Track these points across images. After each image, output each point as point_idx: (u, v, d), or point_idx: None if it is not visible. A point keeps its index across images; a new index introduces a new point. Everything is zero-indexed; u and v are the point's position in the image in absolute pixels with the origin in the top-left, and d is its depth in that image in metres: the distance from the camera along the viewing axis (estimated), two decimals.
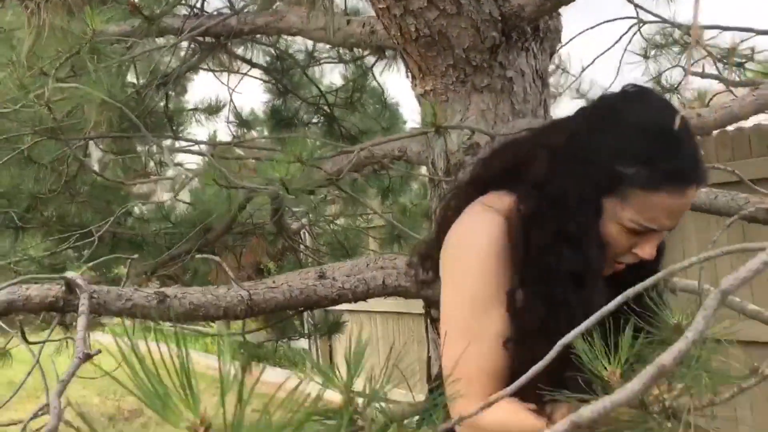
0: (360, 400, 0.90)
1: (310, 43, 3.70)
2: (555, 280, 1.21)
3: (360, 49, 3.52)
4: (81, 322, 1.28)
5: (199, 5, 3.14)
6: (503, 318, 1.24)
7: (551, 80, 3.53)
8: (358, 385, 0.91)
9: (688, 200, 1.22)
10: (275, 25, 2.95)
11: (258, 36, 3.54)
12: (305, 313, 4.40)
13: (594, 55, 3.02)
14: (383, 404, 0.89)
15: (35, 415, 1.19)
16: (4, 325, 1.72)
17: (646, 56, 3.02)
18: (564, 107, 3.68)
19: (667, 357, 0.72)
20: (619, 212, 1.22)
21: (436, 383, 1.51)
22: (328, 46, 3.70)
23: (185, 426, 0.56)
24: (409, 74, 2.40)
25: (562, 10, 2.34)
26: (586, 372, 0.94)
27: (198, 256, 2.59)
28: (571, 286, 1.20)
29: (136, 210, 4.24)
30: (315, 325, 4.27)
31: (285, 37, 3.69)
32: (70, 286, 1.58)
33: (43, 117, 2.57)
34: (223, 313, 1.99)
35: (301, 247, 3.90)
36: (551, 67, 3.49)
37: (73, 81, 2.33)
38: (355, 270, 2.43)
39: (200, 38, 3.29)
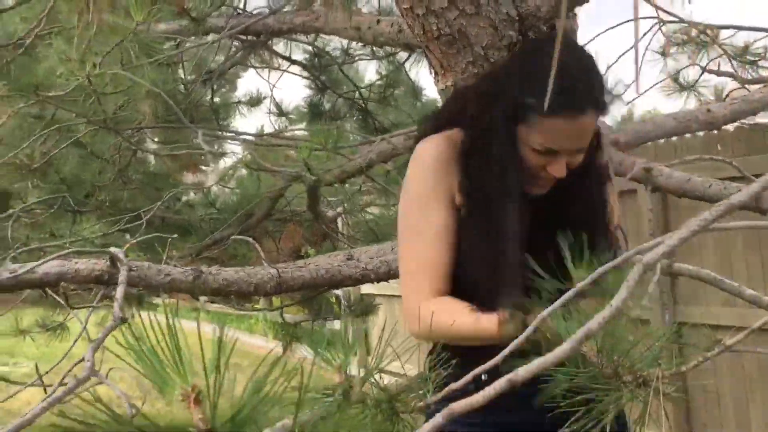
0: (358, 378, 1.04)
1: (345, 41, 3.87)
2: (489, 194, 1.46)
3: (391, 47, 3.68)
4: (119, 290, 1.46)
5: (241, 5, 3.33)
6: (445, 215, 1.47)
7: None
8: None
9: (584, 125, 1.43)
10: (312, 24, 3.13)
11: (298, 34, 3.73)
12: (341, 297, 4.60)
13: (610, 54, 3.12)
14: (380, 381, 1.03)
15: (73, 366, 1.38)
16: (55, 296, 1.92)
17: (664, 54, 3.12)
18: None
19: (593, 323, 0.86)
20: (530, 137, 1.44)
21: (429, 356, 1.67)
22: (362, 44, 3.87)
23: (178, 394, 0.68)
24: (432, 71, 2.55)
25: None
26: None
27: (234, 236, 2.78)
28: (501, 200, 1.44)
29: (184, 197, 4.48)
30: (350, 306, 4.45)
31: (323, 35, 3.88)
32: (114, 261, 1.77)
33: (97, 109, 2.79)
34: (253, 290, 2.17)
35: (338, 235, 4.09)
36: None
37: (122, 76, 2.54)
38: (380, 253, 2.59)
39: (242, 36, 3.49)
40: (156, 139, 4.39)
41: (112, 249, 1.77)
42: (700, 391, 4.29)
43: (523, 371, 0.75)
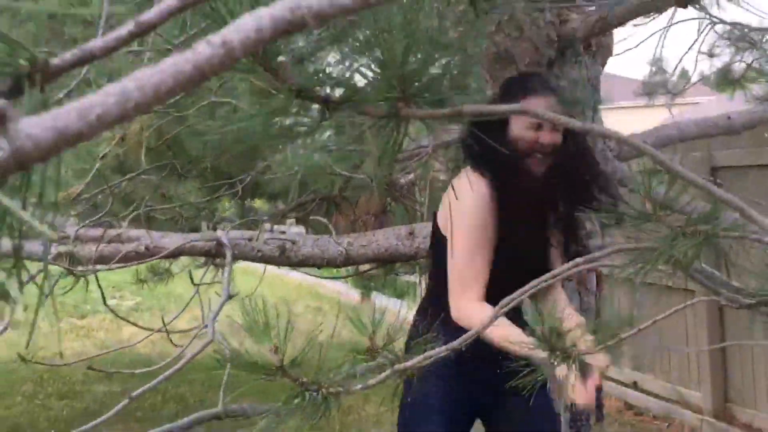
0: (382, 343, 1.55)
1: None
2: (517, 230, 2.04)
3: None
4: (227, 270, 2.00)
5: None
6: (492, 239, 2.02)
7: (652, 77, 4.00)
8: None
9: (553, 104, 2.06)
10: None
11: None
12: None
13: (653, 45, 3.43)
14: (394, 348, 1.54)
15: (195, 332, 1.93)
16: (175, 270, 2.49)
17: (711, 55, 3.42)
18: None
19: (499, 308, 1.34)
20: (522, 120, 2.03)
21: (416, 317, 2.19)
22: None
23: (267, 349, 1.21)
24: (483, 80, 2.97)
25: None
26: None
27: (312, 218, 3.30)
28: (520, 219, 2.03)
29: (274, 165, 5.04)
30: (419, 266, 4.96)
31: None
32: (220, 242, 2.32)
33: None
34: (326, 263, 2.70)
35: (414, 203, 4.57)
36: (652, 69, 3.97)
37: None
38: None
39: None
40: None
41: (219, 233, 2.31)
42: (737, 355, 4.62)
43: (409, 363, 1.27)
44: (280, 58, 0.74)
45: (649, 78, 3.94)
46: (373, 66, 0.71)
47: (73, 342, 7.15)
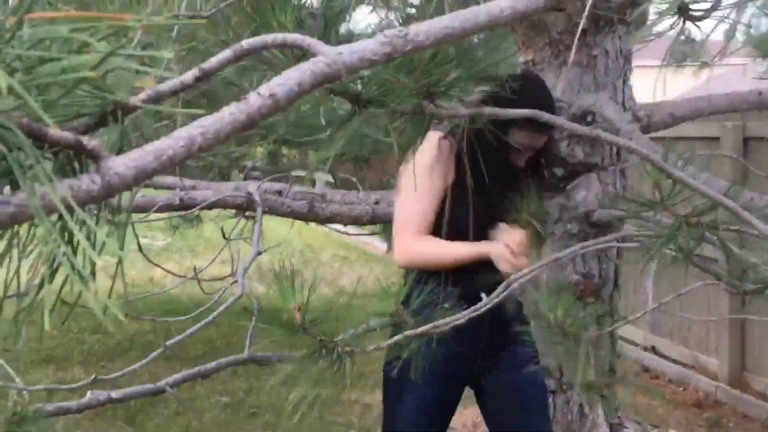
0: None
1: None
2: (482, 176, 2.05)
3: None
4: (257, 227, 2.09)
5: None
6: (439, 185, 2.07)
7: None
8: None
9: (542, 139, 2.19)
10: None
11: None
12: None
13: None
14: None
15: (227, 288, 2.03)
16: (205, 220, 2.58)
17: (749, 26, 3.41)
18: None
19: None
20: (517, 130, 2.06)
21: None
22: None
23: (290, 307, 1.31)
24: (516, 46, 3.00)
25: None
26: None
27: (341, 175, 3.38)
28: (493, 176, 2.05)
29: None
30: None
31: None
32: (251, 198, 2.41)
33: None
34: (353, 221, 2.78)
35: None
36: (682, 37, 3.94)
37: None
38: None
39: None
40: None
41: (251, 188, 2.40)
42: (756, 324, 4.67)
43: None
44: None
45: (678, 43, 3.93)
46: (401, 70, 0.77)
47: (107, 280, 7.37)
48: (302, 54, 0.52)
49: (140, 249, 2.13)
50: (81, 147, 0.40)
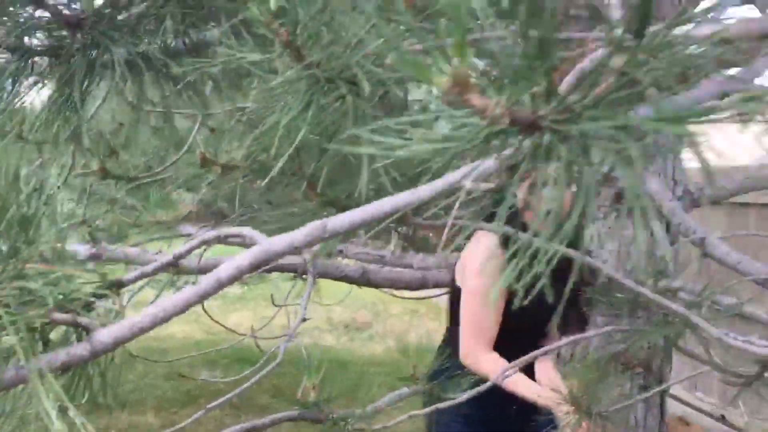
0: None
1: None
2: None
3: None
4: (307, 290, 2.25)
5: None
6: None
7: None
8: None
9: None
10: None
11: None
12: None
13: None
14: None
15: (285, 338, 2.20)
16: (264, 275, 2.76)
17: None
18: None
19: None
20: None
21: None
22: None
23: (308, 386, 1.47)
24: None
25: None
26: None
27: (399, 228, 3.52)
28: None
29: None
30: None
31: None
32: (304, 268, 2.58)
33: None
34: (404, 286, 2.93)
35: None
36: None
37: None
38: None
39: None
40: None
41: (305, 257, 2.57)
42: None
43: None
44: None
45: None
46: None
47: (184, 326, 7.69)
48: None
49: (203, 309, 2.31)
50: (76, 323, 0.59)
